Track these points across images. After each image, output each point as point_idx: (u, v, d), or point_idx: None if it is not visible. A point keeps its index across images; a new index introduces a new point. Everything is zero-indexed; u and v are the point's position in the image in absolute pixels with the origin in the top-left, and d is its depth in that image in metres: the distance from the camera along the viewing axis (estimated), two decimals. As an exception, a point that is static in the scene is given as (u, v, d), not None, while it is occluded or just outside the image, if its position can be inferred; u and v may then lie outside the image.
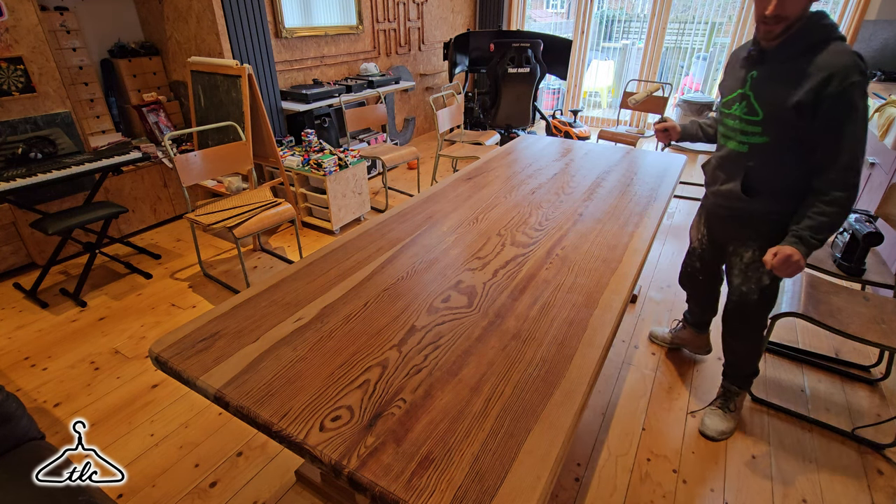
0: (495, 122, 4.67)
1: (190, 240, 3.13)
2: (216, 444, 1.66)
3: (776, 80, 1.28)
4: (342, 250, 1.44)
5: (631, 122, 5.50)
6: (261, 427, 0.86)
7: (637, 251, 1.44)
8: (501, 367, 0.98)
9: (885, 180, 2.51)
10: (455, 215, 1.68)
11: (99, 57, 3.27)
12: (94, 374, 1.99)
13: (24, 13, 2.49)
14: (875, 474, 1.56)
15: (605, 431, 1.70)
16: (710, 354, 2.06)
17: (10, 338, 2.21)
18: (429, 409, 0.87)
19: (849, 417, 1.77)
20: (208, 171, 2.46)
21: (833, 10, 4.32)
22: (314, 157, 2.97)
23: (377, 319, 1.12)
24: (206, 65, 2.89)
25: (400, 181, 4.17)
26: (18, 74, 2.52)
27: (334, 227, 3.15)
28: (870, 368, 2.00)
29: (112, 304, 2.46)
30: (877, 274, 1.86)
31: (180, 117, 3.56)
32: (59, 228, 2.30)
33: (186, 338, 1.06)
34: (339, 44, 4.20)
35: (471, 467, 0.76)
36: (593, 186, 1.94)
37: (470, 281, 1.28)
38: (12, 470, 1.14)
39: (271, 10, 3.56)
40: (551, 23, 6.41)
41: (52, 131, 2.67)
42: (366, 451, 0.79)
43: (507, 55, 4.30)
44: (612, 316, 1.14)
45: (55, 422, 1.76)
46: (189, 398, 1.86)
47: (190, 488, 1.51)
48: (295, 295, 1.22)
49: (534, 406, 0.88)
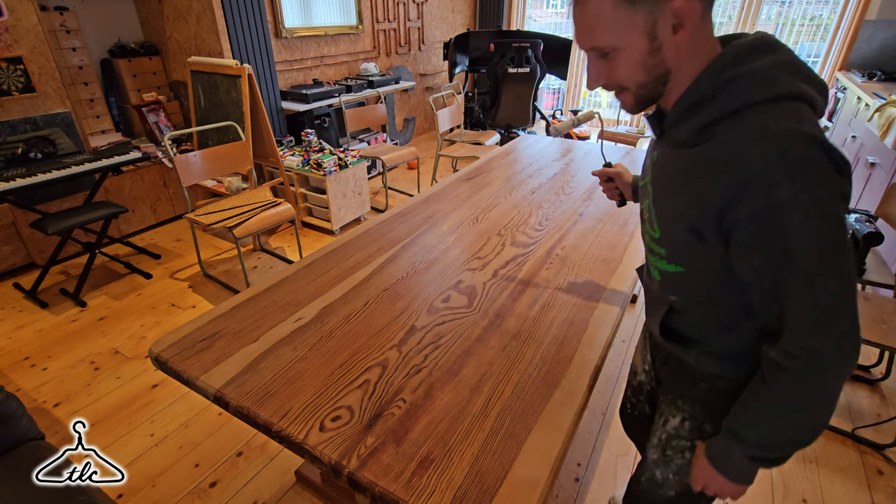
0: (495, 122, 4.66)
1: (190, 240, 3.13)
2: (216, 444, 1.66)
3: (668, 177, 0.74)
4: (342, 250, 1.44)
5: (631, 122, 5.50)
6: (261, 427, 0.86)
7: (637, 251, 1.44)
8: (501, 367, 0.97)
9: (885, 180, 2.51)
10: (455, 215, 1.68)
11: (99, 57, 3.27)
12: (94, 374, 1.99)
13: (24, 13, 2.49)
14: (875, 474, 1.56)
15: (605, 431, 1.70)
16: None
17: (9, 338, 2.20)
18: (429, 409, 0.87)
19: (849, 417, 1.77)
20: (208, 171, 2.46)
21: (833, 10, 4.32)
22: (314, 157, 2.97)
23: (377, 319, 1.12)
24: (205, 65, 2.89)
25: (400, 181, 4.17)
26: (18, 74, 2.52)
27: (334, 227, 3.15)
28: (870, 368, 2.00)
29: (112, 304, 2.46)
30: (877, 274, 1.86)
31: (180, 117, 3.56)
32: (58, 228, 2.30)
33: (186, 338, 1.06)
34: (339, 44, 4.20)
35: (471, 467, 0.76)
36: (593, 186, 1.94)
37: (470, 281, 1.28)
38: (12, 470, 1.14)
39: (271, 9, 3.56)
40: (551, 23, 6.41)
41: (52, 131, 2.66)
42: (366, 451, 0.79)
43: (507, 55, 4.29)
44: (612, 316, 1.14)
45: (55, 422, 1.76)
46: (189, 398, 1.86)
47: (190, 488, 1.51)
48: (295, 295, 1.22)
49: (534, 406, 0.88)
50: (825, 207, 0.57)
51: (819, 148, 0.57)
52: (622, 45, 0.64)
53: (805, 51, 4.76)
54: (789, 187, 0.57)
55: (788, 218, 0.58)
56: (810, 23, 4.77)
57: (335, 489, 1.44)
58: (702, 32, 0.64)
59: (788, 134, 0.58)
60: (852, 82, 3.60)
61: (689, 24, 0.62)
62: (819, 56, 4.46)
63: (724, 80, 0.63)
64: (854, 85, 3.51)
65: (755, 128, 0.60)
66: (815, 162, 0.57)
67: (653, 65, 0.65)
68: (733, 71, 0.63)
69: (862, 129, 3.05)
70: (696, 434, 0.88)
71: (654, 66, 0.65)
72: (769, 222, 0.59)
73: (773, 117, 0.60)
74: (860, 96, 3.27)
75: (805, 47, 4.80)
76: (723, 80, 0.64)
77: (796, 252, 0.59)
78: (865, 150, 2.92)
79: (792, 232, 0.59)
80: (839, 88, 3.96)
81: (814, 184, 0.57)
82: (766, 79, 0.62)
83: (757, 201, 0.59)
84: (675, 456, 0.92)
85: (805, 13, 4.72)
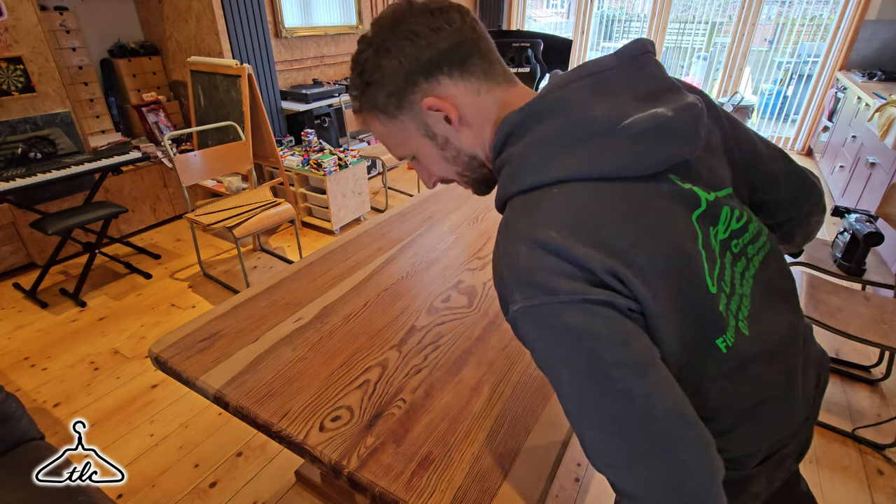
0: (495, 122, 4.67)
1: (190, 240, 3.13)
2: (216, 445, 1.66)
3: None
4: (342, 250, 1.44)
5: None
6: (261, 427, 0.86)
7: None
8: (501, 368, 0.97)
9: (885, 180, 2.51)
10: (455, 215, 1.68)
11: (99, 57, 3.27)
12: (93, 374, 1.99)
13: (24, 13, 2.49)
14: (875, 474, 1.56)
15: (606, 431, 1.70)
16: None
17: (9, 338, 2.20)
18: (429, 410, 0.87)
19: (849, 418, 1.77)
20: (208, 171, 2.46)
21: (833, 10, 4.32)
22: (314, 157, 2.97)
23: (377, 319, 1.12)
24: (205, 65, 2.89)
25: (400, 181, 4.17)
26: (18, 74, 2.52)
27: (334, 227, 3.15)
28: (870, 369, 2.00)
29: (112, 304, 2.46)
30: (877, 274, 1.86)
31: (180, 117, 3.56)
32: (58, 228, 2.30)
33: (186, 338, 1.06)
34: (339, 44, 4.20)
35: (471, 467, 0.76)
36: (593, 186, 1.94)
37: (470, 281, 1.28)
38: (12, 470, 1.14)
39: (271, 9, 3.56)
40: (551, 22, 6.41)
41: (52, 131, 2.66)
42: (366, 452, 0.79)
43: (507, 55, 4.29)
44: (612, 316, 1.14)
45: (55, 422, 1.76)
46: (189, 398, 1.86)
47: (190, 488, 1.51)
48: (295, 295, 1.21)
49: (534, 406, 0.88)
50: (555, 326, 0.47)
51: (545, 251, 0.48)
52: (414, 150, 0.63)
53: (805, 51, 4.76)
54: (523, 300, 0.48)
55: (526, 330, 0.50)
56: (810, 23, 4.78)
57: (335, 489, 1.44)
58: (481, 107, 0.59)
59: (518, 242, 0.50)
60: (852, 82, 3.60)
61: (453, 112, 0.58)
62: (819, 56, 4.46)
63: (498, 166, 0.59)
64: (854, 85, 3.51)
65: (503, 232, 0.53)
66: (539, 271, 0.48)
67: (453, 156, 0.63)
68: (502, 157, 0.58)
69: (862, 129, 3.05)
70: None
71: (455, 156, 0.63)
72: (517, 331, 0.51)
73: (513, 218, 0.53)
74: (860, 96, 3.27)
75: (805, 47, 4.80)
76: (498, 166, 0.60)
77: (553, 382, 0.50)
78: (865, 150, 2.92)
79: (535, 355, 0.50)
80: (839, 88, 3.96)
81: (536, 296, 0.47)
82: (519, 168, 0.55)
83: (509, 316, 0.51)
84: None
85: (805, 13, 4.72)
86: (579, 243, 0.47)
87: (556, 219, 0.49)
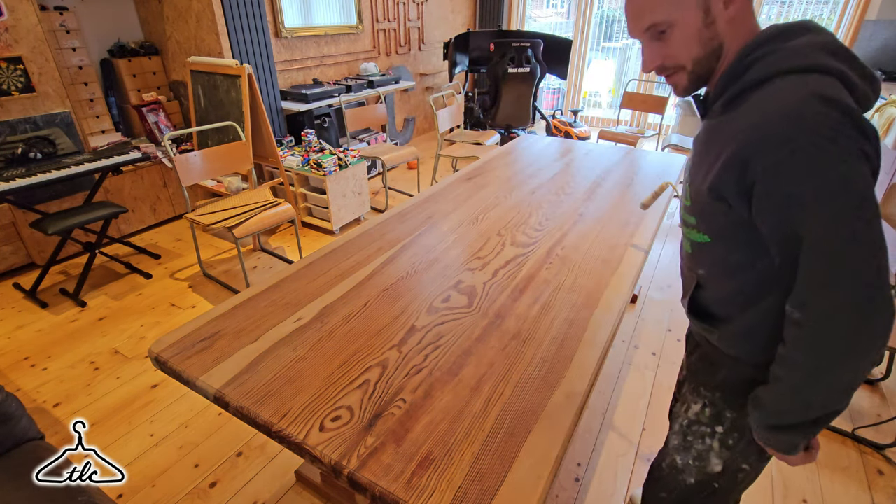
0: (495, 122, 4.66)
1: (190, 240, 3.13)
2: (216, 445, 1.66)
3: (701, 148, 0.77)
4: (342, 250, 1.44)
5: (631, 122, 5.50)
6: (261, 427, 0.86)
7: (637, 251, 1.44)
8: (501, 368, 0.97)
9: (885, 180, 2.51)
10: (455, 215, 1.68)
11: (99, 57, 3.27)
12: (93, 374, 1.99)
13: (24, 13, 2.49)
14: (875, 474, 1.56)
15: (605, 431, 1.70)
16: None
17: (9, 338, 2.20)
18: (429, 410, 0.87)
19: (849, 417, 1.77)
20: (208, 171, 2.46)
21: (833, 10, 4.32)
22: (314, 157, 2.97)
23: (377, 319, 1.12)
24: (205, 65, 2.89)
25: (400, 181, 4.17)
26: (18, 74, 2.52)
27: (334, 227, 3.15)
28: (870, 368, 2.00)
29: (112, 304, 2.46)
30: (877, 274, 1.86)
31: (180, 117, 3.56)
32: (58, 228, 2.30)
33: (186, 338, 1.06)
34: (339, 44, 4.20)
35: (471, 467, 0.76)
36: (593, 186, 1.94)
37: (470, 281, 1.28)
38: (12, 470, 1.14)
39: (271, 9, 3.56)
40: (551, 22, 6.41)
41: (52, 131, 2.66)
42: (366, 452, 0.79)
43: (507, 55, 4.29)
44: (612, 316, 1.14)
45: (55, 422, 1.76)
46: (189, 398, 1.86)
47: (190, 488, 1.51)
48: (295, 295, 1.21)
49: (534, 406, 0.88)
50: (840, 162, 0.57)
51: (838, 109, 0.57)
52: (678, 19, 0.67)
53: (805, 51, 4.76)
54: (804, 140, 0.58)
55: (802, 169, 0.58)
56: (810, 23, 4.76)
57: (335, 489, 1.44)
58: (748, 9, 0.68)
59: (808, 95, 0.59)
60: (852, 82, 3.59)
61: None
62: (819, 56, 4.46)
63: (757, 57, 0.66)
64: (854, 85, 3.50)
65: (776, 90, 0.62)
66: (833, 120, 0.57)
67: (708, 38, 0.68)
68: (767, 48, 0.65)
69: (862, 129, 3.04)
70: (715, 421, 0.89)
71: (709, 39, 0.68)
72: (784, 175, 0.60)
73: (795, 83, 0.61)
74: (860, 96, 3.26)
75: (805, 47, 4.80)
76: (755, 58, 0.66)
77: (808, 204, 0.59)
78: (865, 150, 2.91)
79: (804, 183, 0.59)
80: (839, 88, 3.95)
81: (829, 139, 0.57)
82: (796, 53, 0.63)
83: (772, 155, 0.60)
84: (696, 442, 0.93)
85: (805, 13, 4.72)
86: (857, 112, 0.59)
87: (844, 94, 0.61)
